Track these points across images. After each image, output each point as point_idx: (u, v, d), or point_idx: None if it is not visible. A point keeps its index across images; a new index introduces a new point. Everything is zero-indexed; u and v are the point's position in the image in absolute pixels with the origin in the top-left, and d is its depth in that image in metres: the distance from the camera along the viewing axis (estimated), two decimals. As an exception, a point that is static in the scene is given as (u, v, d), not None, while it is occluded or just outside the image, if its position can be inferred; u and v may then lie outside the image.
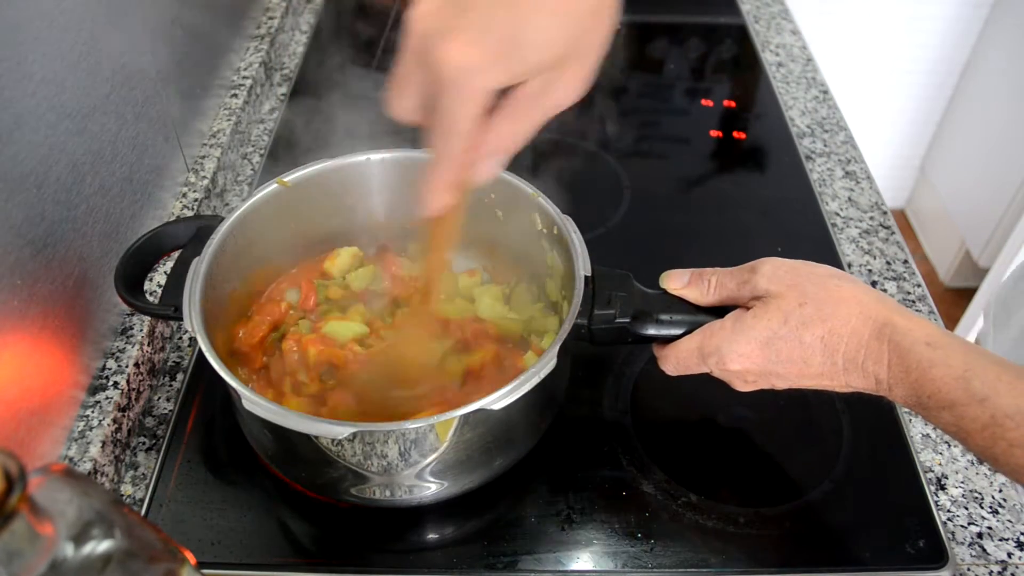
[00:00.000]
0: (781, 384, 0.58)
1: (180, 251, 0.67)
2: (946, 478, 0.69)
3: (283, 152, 1.02)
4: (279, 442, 0.62)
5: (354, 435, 0.54)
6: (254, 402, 0.54)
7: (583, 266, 0.63)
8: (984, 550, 0.65)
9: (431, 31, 0.44)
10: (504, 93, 0.46)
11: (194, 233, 0.67)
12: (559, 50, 0.45)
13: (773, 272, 0.57)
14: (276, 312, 0.71)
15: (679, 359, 0.60)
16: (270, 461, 0.66)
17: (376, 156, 0.74)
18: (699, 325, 0.59)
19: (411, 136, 0.82)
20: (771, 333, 0.55)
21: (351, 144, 0.76)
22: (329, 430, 0.53)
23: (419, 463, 0.58)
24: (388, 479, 0.60)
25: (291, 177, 0.72)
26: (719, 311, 0.60)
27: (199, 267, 0.63)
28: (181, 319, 0.60)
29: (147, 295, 0.69)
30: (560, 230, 0.67)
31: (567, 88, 0.47)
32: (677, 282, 0.61)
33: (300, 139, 1.02)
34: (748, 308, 0.57)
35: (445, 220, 0.54)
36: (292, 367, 0.67)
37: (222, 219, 0.67)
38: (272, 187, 0.71)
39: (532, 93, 0.46)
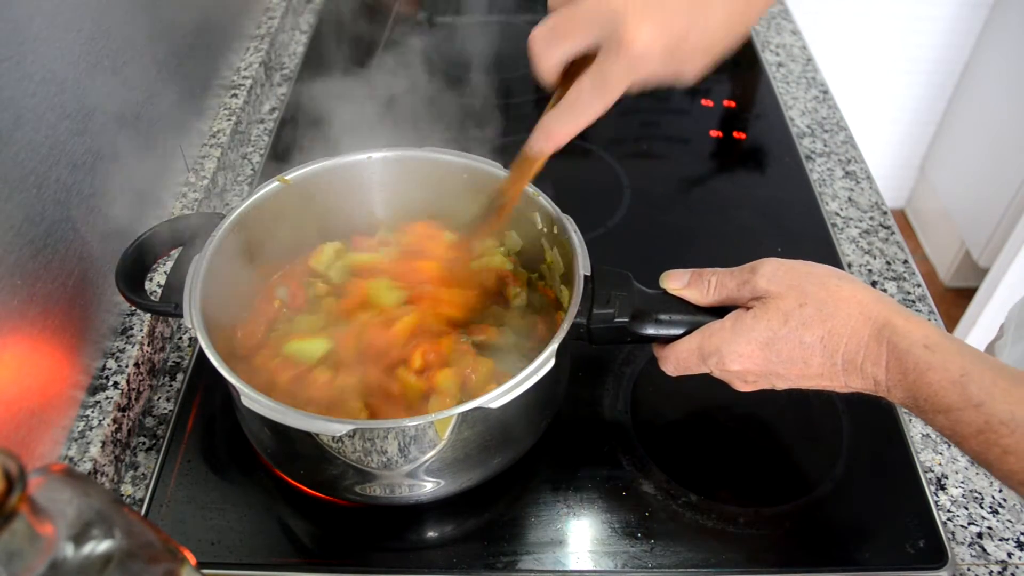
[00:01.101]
0: (781, 384, 0.58)
1: (181, 248, 0.67)
2: (946, 478, 0.69)
3: (283, 152, 1.02)
4: (278, 439, 0.62)
5: (353, 432, 0.54)
6: (253, 399, 0.54)
7: (583, 265, 0.64)
8: (984, 550, 0.65)
9: (624, 6, 0.47)
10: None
11: (196, 230, 0.68)
12: (720, 52, 0.50)
13: (773, 272, 0.57)
14: (270, 311, 0.71)
15: (679, 359, 0.60)
16: (270, 459, 0.66)
17: (377, 155, 0.74)
18: (699, 325, 0.59)
19: (412, 135, 0.82)
20: (771, 333, 0.55)
21: (351, 144, 0.76)
22: (328, 427, 0.53)
23: (418, 460, 0.59)
24: (387, 476, 0.60)
25: (292, 175, 0.72)
26: (719, 312, 0.59)
27: (200, 264, 0.63)
28: (182, 316, 0.60)
29: (148, 293, 0.69)
30: (560, 229, 0.68)
31: (692, 74, 0.52)
32: (677, 282, 0.61)
33: (300, 139, 1.02)
34: (748, 309, 0.57)
35: (534, 163, 0.59)
36: (267, 385, 0.66)
37: (223, 216, 0.67)
38: (273, 185, 0.71)
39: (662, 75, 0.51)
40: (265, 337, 0.70)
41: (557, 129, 0.55)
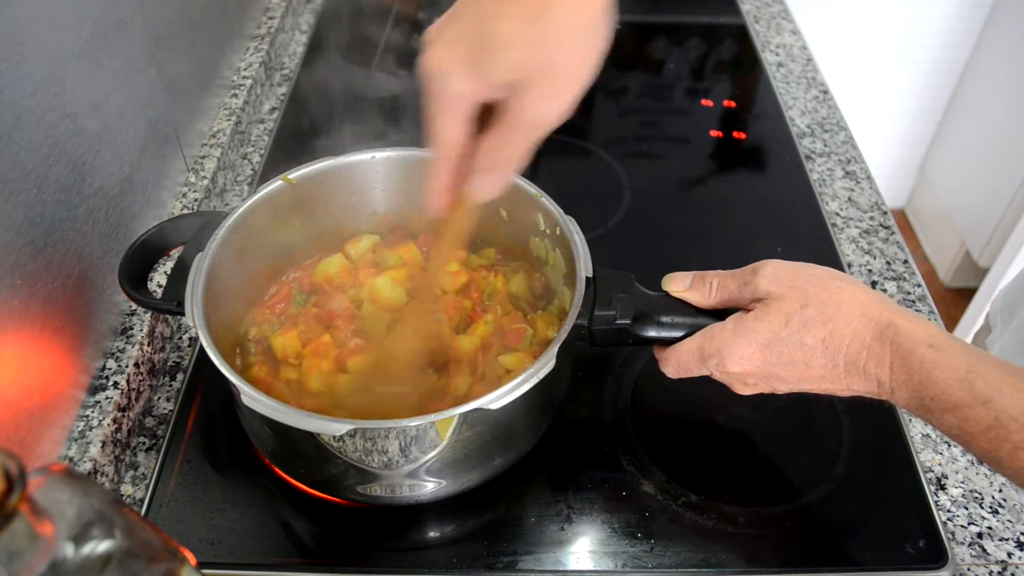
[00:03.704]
0: (782, 387, 0.58)
1: (184, 247, 0.67)
2: (946, 478, 0.69)
3: (283, 152, 1.02)
4: (279, 438, 0.62)
5: (354, 431, 0.54)
6: (253, 398, 0.54)
7: (584, 267, 0.63)
8: (984, 550, 0.65)
9: (427, 41, 0.48)
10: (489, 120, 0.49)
11: (198, 229, 0.68)
12: (526, 55, 0.46)
13: (774, 274, 0.57)
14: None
15: (680, 361, 0.60)
16: (270, 458, 0.66)
17: (381, 154, 0.74)
18: (700, 327, 0.59)
19: (412, 135, 0.82)
20: (772, 335, 0.55)
21: (350, 143, 0.76)
22: (328, 427, 0.53)
23: (419, 460, 0.58)
24: (388, 476, 0.60)
25: (296, 174, 0.72)
26: (720, 314, 0.59)
27: (202, 262, 0.63)
28: (183, 314, 0.60)
29: (150, 292, 0.69)
30: (563, 230, 0.68)
31: (549, 103, 0.48)
32: (679, 284, 0.61)
33: (300, 139, 1.02)
34: (749, 310, 0.57)
35: (451, 222, 0.55)
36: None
37: (226, 215, 0.67)
38: (276, 184, 0.71)
39: (514, 107, 0.48)
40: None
41: (428, 188, 0.52)
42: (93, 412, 0.67)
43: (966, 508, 0.67)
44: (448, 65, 0.47)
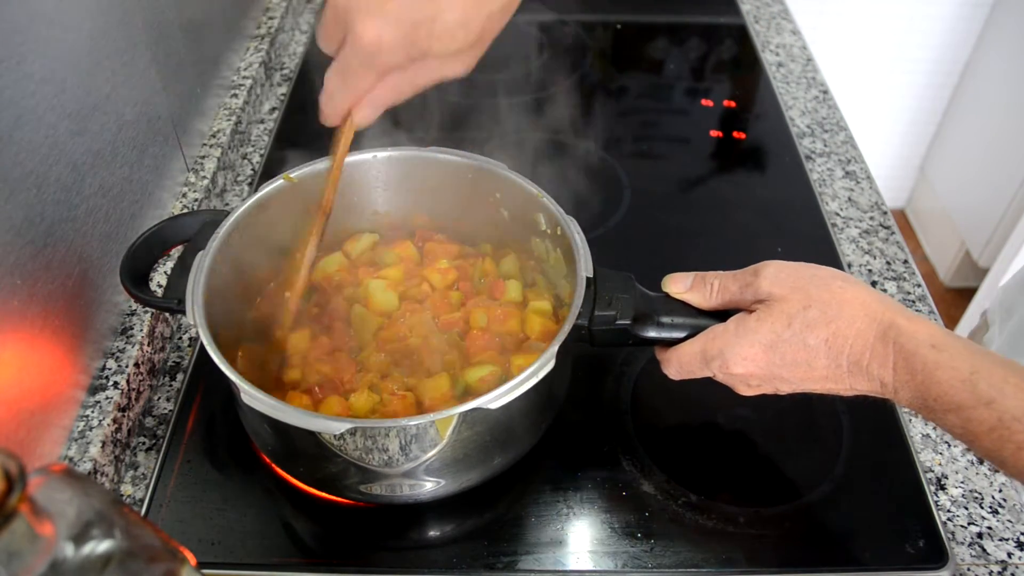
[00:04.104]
0: (785, 388, 0.58)
1: (185, 245, 0.67)
2: (946, 478, 0.69)
3: (283, 152, 1.02)
4: (279, 437, 0.62)
5: (354, 429, 0.54)
6: (254, 397, 0.54)
7: (585, 267, 0.63)
8: (984, 550, 0.65)
9: (354, 5, 0.53)
10: None
11: (199, 227, 0.68)
12: (465, 43, 0.55)
13: (776, 275, 0.57)
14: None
15: (682, 363, 0.60)
16: (271, 456, 0.66)
17: (382, 154, 0.74)
18: (701, 329, 0.59)
19: (412, 135, 0.82)
20: (775, 336, 0.55)
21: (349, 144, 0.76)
22: (328, 425, 0.53)
23: (419, 459, 0.58)
24: (388, 475, 0.60)
25: (297, 173, 0.72)
26: (722, 315, 0.59)
27: (203, 261, 0.63)
28: (184, 312, 0.60)
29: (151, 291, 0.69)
30: (563, 230, 0.67)
31: (457, 67, 0.58)
32: (680, 285, 0.61)
33: (300, 139, 1.02)
34: (751, 312, 0.57)
35: (339, 136, 0.64)
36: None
37: (228, 213, 0.67)
38: (278, 183, 0.71)
39: (426, 66, 0.57)
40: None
41: (324, 108, 0.61)
42: (93, 412, 0.67)
43: (966, 508, 0.67)
44: (389, 42, 0.53)
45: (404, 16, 0.53)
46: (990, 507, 0.67)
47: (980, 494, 0.68)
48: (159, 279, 0.80)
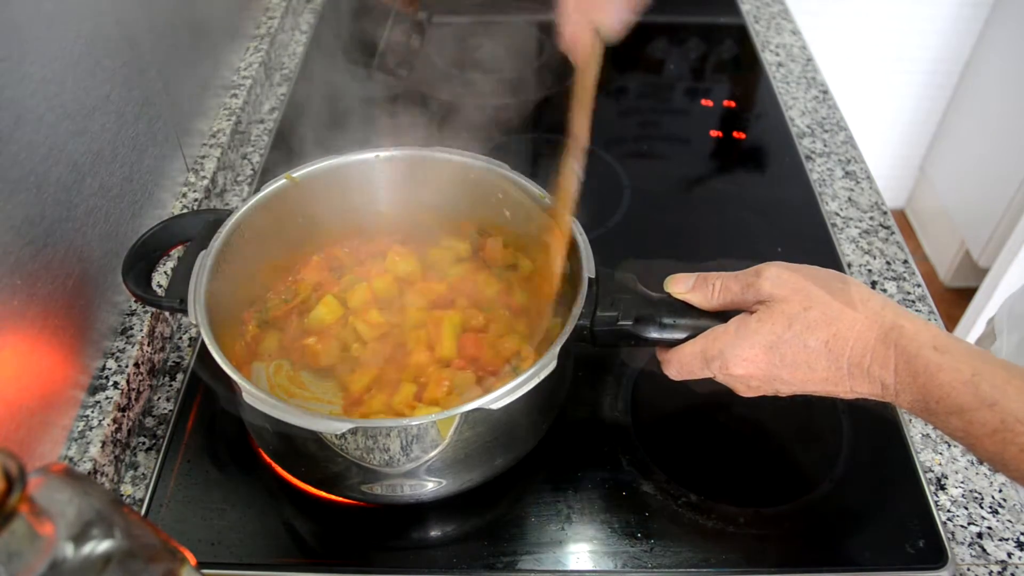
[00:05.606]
0: (785, 390, 0.58)
1: (188, 245, 0.67)
2: (946, 478, 0.69)
3: (283, 152, 1.02)
4: (280, 436, 0.62)
5: (355, 429, 0.54)
6: (255, 396, 0.54)
7: (587, 267, 0.63)
8: (984, 550, 0.65)
9: None
10: None
11: (201, 227, 0.68)
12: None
13: (777, 276, 0.56)
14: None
15: (682, 364, 0.60)
16: (272, 456, 0.66)
17: (384, 154, 0.75)
18: (702, 329, 0.59)
19: (413, 135, 0.82)
20: (775, 337, 0.55)
21: (351, 143, 0.76)
22: (329, 425, 0.53)
23: (420, 459, 0.59)
24: (389, 475, 0.60)
25: (299, 173, 0.72)
26: (723, 316, 0.59)
27: (206, 260, 0.63)
28: (186, 312, 0.60)
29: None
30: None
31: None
32: (681, 286, 0.61)
33: (300, 139, 1.02)
34: (752, 312, 0.57)
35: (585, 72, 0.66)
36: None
37: (230, 212, 0.67)
38: (280, 182, 0.71)
39: None
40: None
41: (568, 28, 0.64)
42: (93, 412, 0.67)
43: (966, 508, 0.67)
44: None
45: None
46: (990, 507, 0.67)
47: (980, 494, 0.68)
48: (159, 279, 0.80)
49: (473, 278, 0.74)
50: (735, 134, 1.10)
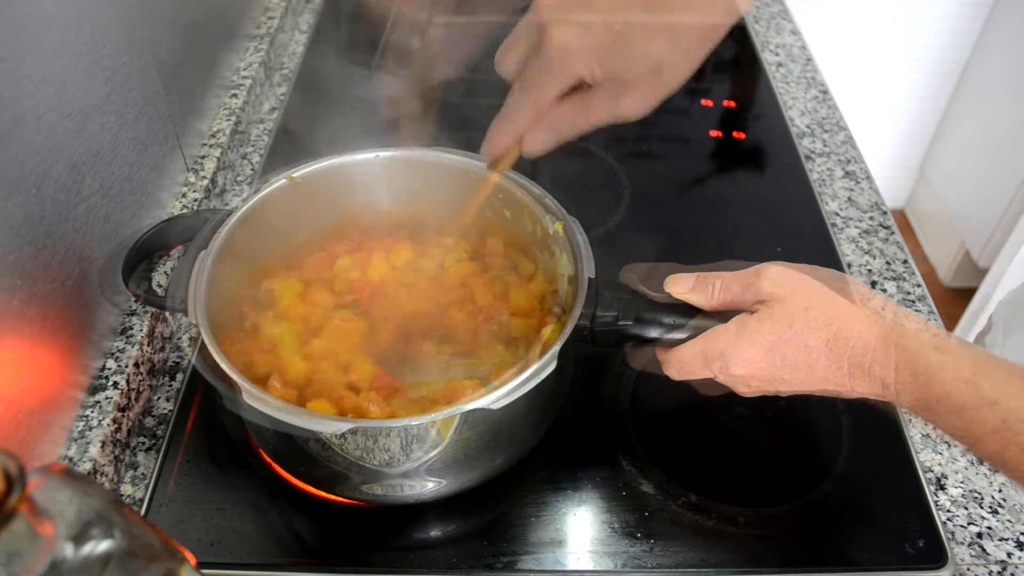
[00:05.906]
0: (786, 390, 0.58)
1: (187, 245, 0.67)
2: (946, 478, 0.69)
3: (283, 152, 1.02)
4: (280, 435, 0.62)
5: (355, 429, 0.54)
6: (254, 396, 0.54)
7: (587, 268, 0.63)
8: (984, 550, 0.65)
9: (554, 14, 0.53)
10: (578, 89, 0.55)
11: (201, 227, 0.68)
12: (654, 73, 0.53)
13: (778, 276, 0.56)
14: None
15: (683, 364, 0.60)
16: (271, 455, 0.66)
17: (385, 154, 0.75)
18: (703, 330, 0.59)
19: (413, 135, 0.82)
20: (776, 337, 0.55)
21: (349, 144, 0.76)
22: (328, 425, 0.53)
23: (420, 459, 0.59)
24: (388, 474, 0.60)
25: (300, 172, 0.72)
26: (723, 316, 0.59)
27: (206, 260, 0.63)
28: (186, 311, 0.60)
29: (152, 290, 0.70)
30: (566, 231, 0.68)
31: (635, 104, 0.56)
32: (682, 286, 0.60)
33: (300, 139, 1.02)
34: (752, 312, 0.57)
35: (499, 163, 0.64)
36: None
37: (230, 212, 0.67)
38: (280, 182, 0.71)
39: (603, 96, 0.54)
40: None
41: (494, 136, 0.60)
42: (93, 412, 0.67)
43: (966, 508, 0.67)
44: (578, 50, 0.52)
45: (602, 32, 0.52)
46: (990, 507, 0.67)
47: (980, 494, 0.68)
48: (159, 279, 0.80)
49: (473, 278, 0.74)
50: (735, 134, 1.10)
